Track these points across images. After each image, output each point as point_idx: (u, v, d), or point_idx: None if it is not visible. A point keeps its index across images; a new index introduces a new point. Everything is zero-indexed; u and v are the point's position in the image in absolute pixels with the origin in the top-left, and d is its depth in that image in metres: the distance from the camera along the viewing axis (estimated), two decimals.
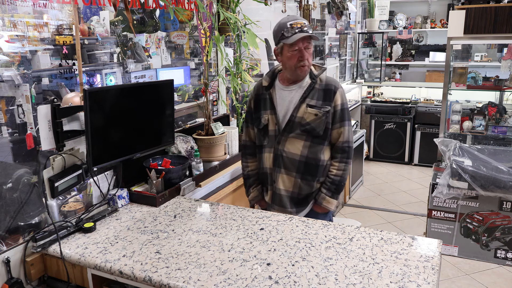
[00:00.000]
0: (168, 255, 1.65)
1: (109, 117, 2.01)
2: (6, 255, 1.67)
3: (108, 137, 2.02)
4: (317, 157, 2.15)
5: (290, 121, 2.14)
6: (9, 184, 1.89)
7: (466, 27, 3.43)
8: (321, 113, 2.10)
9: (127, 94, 2.14)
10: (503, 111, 3.72)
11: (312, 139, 2.13)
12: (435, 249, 1.66)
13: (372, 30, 6.48)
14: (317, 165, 2.16)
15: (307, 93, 2.12)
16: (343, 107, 2.15)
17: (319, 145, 2.14)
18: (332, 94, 2.13)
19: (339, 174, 2.16)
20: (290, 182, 2.18)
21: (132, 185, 2.29)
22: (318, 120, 2.10)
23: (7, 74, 2.42)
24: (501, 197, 3.27)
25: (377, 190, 5.10)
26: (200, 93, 2.97)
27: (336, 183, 2.17)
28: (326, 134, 2.14)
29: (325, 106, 2.11)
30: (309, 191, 2.19)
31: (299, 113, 2.12)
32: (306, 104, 2.11)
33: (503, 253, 3.38)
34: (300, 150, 2.14)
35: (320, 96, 2.12)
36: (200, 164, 2.49)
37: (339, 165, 2.16)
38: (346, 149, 2.16)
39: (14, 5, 2.28)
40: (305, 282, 1.45)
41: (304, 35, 2.01)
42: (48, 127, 1.84)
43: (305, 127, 2.11)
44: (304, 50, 2.05)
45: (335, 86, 2.14)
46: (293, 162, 2.15)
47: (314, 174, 2.17)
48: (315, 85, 2.14)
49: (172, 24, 3.24)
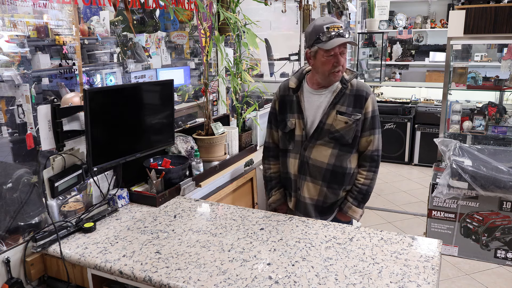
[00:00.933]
0: (168, 255, 1.65)
1: (109, 117, 2.01)
2: (6, 255, 1.67)
3: (108, 137, 2.02)
4: (344, 165, 2.08)
5: (319, 128, 2.06)
6: (9, 184, 1.89)
7: (466, 27, 3.43)
8: (352, 120, 2.02)
9: (127, 94, 2.14)
10: (503, 111, 3.72)
11: (340, 147, 2.06)
12: (435, 249, 1.66)
13: (372, 30, 6.48)
14: (344, 173, 2.09)
15: (338, 99, 2.04)
16: (374, 115, 2.07)
17: (347, 153, 2.08)
18: (364, 100, 2.05)
19: (366, 184, 2.10)
20: (316, 191, 2.12)
21: (132, 185, 2.29)
22: (348, 128, 2.03)
23: (7, 74, 2.42)
24: (501, 197, 3.27)
25: (377, 190, 5.10)
26: (200, 93, 2.97)
27: (363, 193, 2.11)
28: (355, 142, 2.08)
29: (355, 113, 2.03)
30: (335, 199, 2.14)
31: (329, 120, 2.04)
32: (336, 111, 2.04)
33: (503, 253, 3.38)
34: (327, 158, 2.07)
35: (350, 102, 2.04)
36: (200, 164, 2.49)
37: (367, 174, 2.10)
38: (375, 158, 2.10)
39: (14, 5, 2.28)
40: (305, 282, 1.45)
41: (344, 41, 1.92)
42: (48, 127, 1.84)
43: (334, 134, 2.04)
44: (340, 56, 1.96)
45: (367, 93, 2.06)
46: (320, 170, 2.09)
47: (340, 183, 2.11)
48: (346, 91, 2.05)
49: (172, 24, 3.24)
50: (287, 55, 4.65)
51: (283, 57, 4.69)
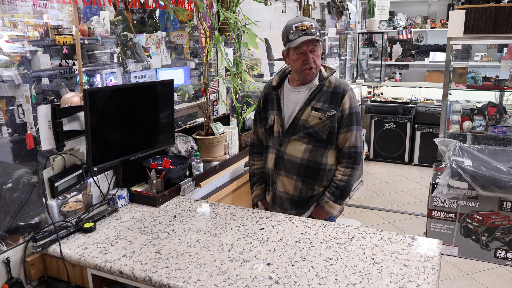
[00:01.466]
0: (168, 255, 1.65)
1: (109, 117, 2.01)
2: (6, 255, 1.67)
3: (108, 137, 2.02)
4: (319, 160, 2.11)
5: (293, 123, 2.11)
6: (9, 184, 1.89)
7: (466, 27, 3.43)
8: (326, 116, 2.06)
9: (127, 94, 2.14)
10: (503, 111, 3.72)
11: (314, 142, 2.10)
12: (435, 249, 1.66)
13: (372, 30, 6.48)
14: (318, 168, 2.12)
15: (313, 96, 2.09)
16: (351, 111, 2.09)
17: (321, 149, 2.11)
18: (340, 97, 2.08)
19: (344, 180, 2.12)
20: (291, 185, 2.16)
21: (132, 185, 2.29)
22: (322, 124, 2.07)
23: (7, 74, 2.42)
24: (501, 197, 3.27)
25: (377, 190, 5.10)
26: (200, 93, 2.97)
27: (340, 188, 2.12)
28: (331, 138, 2.10)
29: (330, 109, 2.06)
30: (310, 194, 2.17)
31: (303, 116, 2.09)
32: (311, 107, 2.08)
33: (503, 253, 3.38)
34: (301, 153, 2.11)
35: (327, 99, 2.08)
36: (200, 164, 2.49)
37: (344, 170, 2.12)
38: (352, 154, 2.11)
39: (14, 5, 2.28)
40: (305, 282, 1.45)
41: (307, 38, 1.97)
42: (48, 127, 1.84)
43: (308, 130, 2.08)
44: (310, 53, 2.02)
45: (344, 89, 2.09)
46: (294, 165, 2.13)
47: (315, 178, 2.13)
48: (323, 88, 2.10)
49: (172, 24, 3.24)
50: None
51: None
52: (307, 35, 1.98)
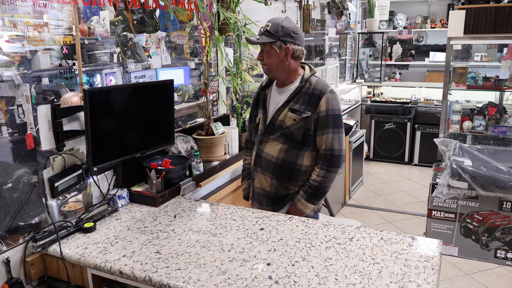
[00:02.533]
0: (168, 255, 1.65)
1: (109, 117, 2.01)
2: (6, 255, 1.67)
3: (108, 137, 2.02)
4: (294, 161, 2.12)
5: (271, 123, 2.16)
6: (9, 184, 1.89)
7: (466, 27, 3.43)
8: (300, 118, 2.07)
9: (127, 94, 2.14)
10: (503, 111, 3.72)
11: (290, 143, 2.12)
12: (435, 249, 1.66)
13: (372, 30, 6.48)
14: (293, 169, 2.13)
15: (292, 97, 2.11)
16: (328, 114, 2.07)
17: (296, 150, 2.12)
18: (317, 99, 2.07)
19: (317, 180, 2.10)
20: (267, 182, 2.19)
21: (132, 185, 2.29)
22: (297, 125, 2.08)
23: (7, 74, 2.42)
24: (501, 197, 3.27)
25: (377, 190, 5.10)
26: (200, 93, 2.97)
27: (313, 188, 2.11)
28: (306, 140, 2.10)
29: (306, 111, 2.07)
30: (286, 192, 2.18)
31: (281, 117, 2.12)
32: (288, 108, 2.11)
33: (503, 253, 3.38)
34: (277, 152, 2.14)
35: (305, 100, 2.09)
36: (200, 164, 2.49)
37: (319, 171, 2.10)
38: (328, 157, 2.09)
39: (14, 5, 2.27)
40: (305, 282, 1.45)
41: (250, 40, 2.09)
42: (48, 127, 1.84)
43: (284, 130, 2.11)
44: (261, 52, 2.11)
45: (321, 91, 2.08)
46: (270, 163, 2.16)
47: (290, 177, 2.15)
48: (303, 89, 2.11)
49: (172, 24, 3.24)
50: None
51: None
52: (252, 36, 2.11)
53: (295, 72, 2.14)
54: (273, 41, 2.05)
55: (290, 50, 2.06)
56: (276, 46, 2.06)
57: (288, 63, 2.09)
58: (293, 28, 2.07)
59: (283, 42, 2.05)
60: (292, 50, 2.07)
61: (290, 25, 2.07)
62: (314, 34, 4.95)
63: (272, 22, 2.07)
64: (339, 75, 6.06)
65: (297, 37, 2.08)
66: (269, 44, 2.07)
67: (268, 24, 2.07)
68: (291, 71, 2.13)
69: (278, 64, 2.09)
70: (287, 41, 2.05)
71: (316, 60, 5.07)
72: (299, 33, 2.10)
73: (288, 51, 2.06)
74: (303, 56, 2.15)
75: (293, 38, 2.06)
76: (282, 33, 2.04)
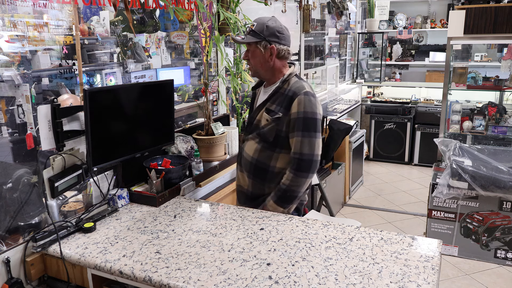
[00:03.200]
0: (168, 255, 1.65)
1: (109, 117, 2.01)
2: (6, 255, 1.67)
3: (108, 137, 2.02)
4: (267, 162, 2.11)
5: (250, 123, 2.18)
6: (9, 184, 1.89)
7: (466, 27, 3.43)
8: (271, 119, 2.06)
9: (127, 94, 2.14)
10: (503, 111, 3.72)
11: (263, 144, 2.11)
12: (435, 249, 1.66)
13: (372, 30, 6.48)
14: (266, 170, 2.12)
15: (270, 97, 2.10)
16: (299, 116, 2.00)
17: (269, 151, 2.10)
18: (290, 101, 2.03)
19: (285, 183, 2.04)
20: (245, 181, 2.21)
21: (132, 185, 2.29)
22: (269, 126, 2.07)
23: (7, 74, 2.42)
24: (501, 197, 3.27)
25: (377, 190, 5.10)
26: (200, 93, 2.97)
27: (281, 191, 2.06)
28: (278, 141, 2.07)
29: (279, 112, 2.04)
30: (261, 192, 2.17)
31: (258, 117, 2.13)
32: (265, 108, 2.10)
33: (503, 253, 3.38)
34: (253, 152, 2.14)
35: (281, 101, 2.06)
36: (200, 164, 2.49)
37: (288, 174, 2.04)
38: (296, 161, 2.02)
39: (14, 5, 2.27)
40: (305, 282, 1.45)
41: (236, 39, 2.09)
42: (48, 127, 1.84)
43: (260, 131, 2.11)
44: (246, 52, 2.10)
45: (295, 93, 2.03)
46: (247, 162, 2.18)
47: (263, 178, 2.14)
48: (281, 90, 2.09)
49: (172, 24, 3.24)
50: None
51: None
52: (237, 36, 2.12)
53: (279, 73, 2.12)
54: (258, 41, 2.03)
55: (275, 50, 2.04)
56: (261, 46, 2.03)
57: (273, 63, 2.07)
58: (279, 27, 2.04)
59: (268, 42, 2.02)
60: (277, 50, 2.04)
61: (276, 24, 2.04)
62: (314, 34, 4.95)
63: (257, 21, 2.05)
64: (339, 75, 6.06)
65: (282, 37, 2.05)
66: (254, 44, 2.04)
67: (253, 24, 2.05)
68: (276, 71, 2.11)
69: (263, 64, 2.07)
70: (272, 41, 2.03)
71: (316, 60, 5.08)
72: (284, 33, 2.06)
73: (273, 51, 2.04)
74: (289, 56, 2.12)
75: (278, 38, 2.04)
76: (267, 33, 2.02)
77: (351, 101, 6.11)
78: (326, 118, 4.40)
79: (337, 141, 4.15)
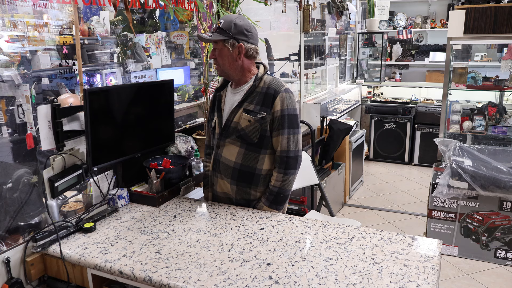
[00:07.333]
0: (168, 255, 1.65)
1: (109, 117, 2.01)
2: (6, 255, 1.67)
3: (108, 137, 2.02)
4: (253, 165, 2.04)
5: (226, 126, 2.07)
6: (9, 184, 1.89)
7: (466, 27, 3.43)
8: (255, 119, 1.98)
9: (127, 94, 2.14)
10: (503, 111, 3.72)
11: (247, 146, 2.03)
12: (435, 249, 1.66)
13: (372, 30, 6.48)
14: (252, 173, 2.05)
15: (246, 97, 2.02)
16: (283, 114, 1.97)
17: (254, 153, 2.03)
18: (272, 99, 1.98)
19: (277, 185, 2.02)
20: (227, 188, 2.12)
21: (132, 185, 2.29)
22: (252, 126, 1.99)
23: (7, 74, 2.42)
24: (501, 197, 3.27)
25: (377, 190, 5.10)
26: (200, 93, 2.97)
27: (273, 194, 2.03)
28: (262, 142, 2.02)
29: (261, 112, 1.98)
30: (247, 197, 2.10)
31: (235, 118, 2.03)
32: (243, 109, 2.01)
33: (503, 253, 3.38)
34: (235, 156, 2.05)
35: (259, 100, 2.00)
36: (200, 164, 2.49)
37: (277, 175, 2.02)
38: (284, 159, 2.00)
39: (14, 5, 2.28)
40: (305, 282, 1.45)
41: (202, 37, 1.99)
42: (48, 127, 1.84)
43: (240, 133, 2.02)
44: (213, 51, 2.01)
45: (276, 90, 1.98)
46: (228, 168, 2.07)
47: (249, 182, 2.07)
48: (257, 89, 2.02)
49: (172, 24, 3.24)
50: (287, 55, 4.66)
51: (283, 57, 4.69)
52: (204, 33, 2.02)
53: (249, 72, 2.04)
54: (225, 38, 1.94)
55: (243, 48, 1.96)
56: (229, 44, 1.95)
57: (242, 62, 1.99)
58: (247, 26, 1.97)
59: (236, 40, 1.95)
60: (246, 49, 1.97)
61: (244, 22, 1.97)
62: (314, 34, 4.95)
63: (224, 19, 1.97)
64: (339, 75, 6.06)
65: (250, 36, 1.98)
66: (221, 42, 1.96)
67: (220, 21, 1.97)
68: (245, 71, 2.03)
69: (231, 63, 1.99)
70: (240, 39, 1.95)
71: (316, 60, 5.08)
72: (252, 31, 2.00)
73: (241, 49, 1.97)
74: (257, 55, 2.05)
75: (247, 36, 1.96)
76: (235, 31, 1.93)
77: (351, 101, 6.11)
78: (326, 118, 4.41)
79: (337, 141, 4.16)
